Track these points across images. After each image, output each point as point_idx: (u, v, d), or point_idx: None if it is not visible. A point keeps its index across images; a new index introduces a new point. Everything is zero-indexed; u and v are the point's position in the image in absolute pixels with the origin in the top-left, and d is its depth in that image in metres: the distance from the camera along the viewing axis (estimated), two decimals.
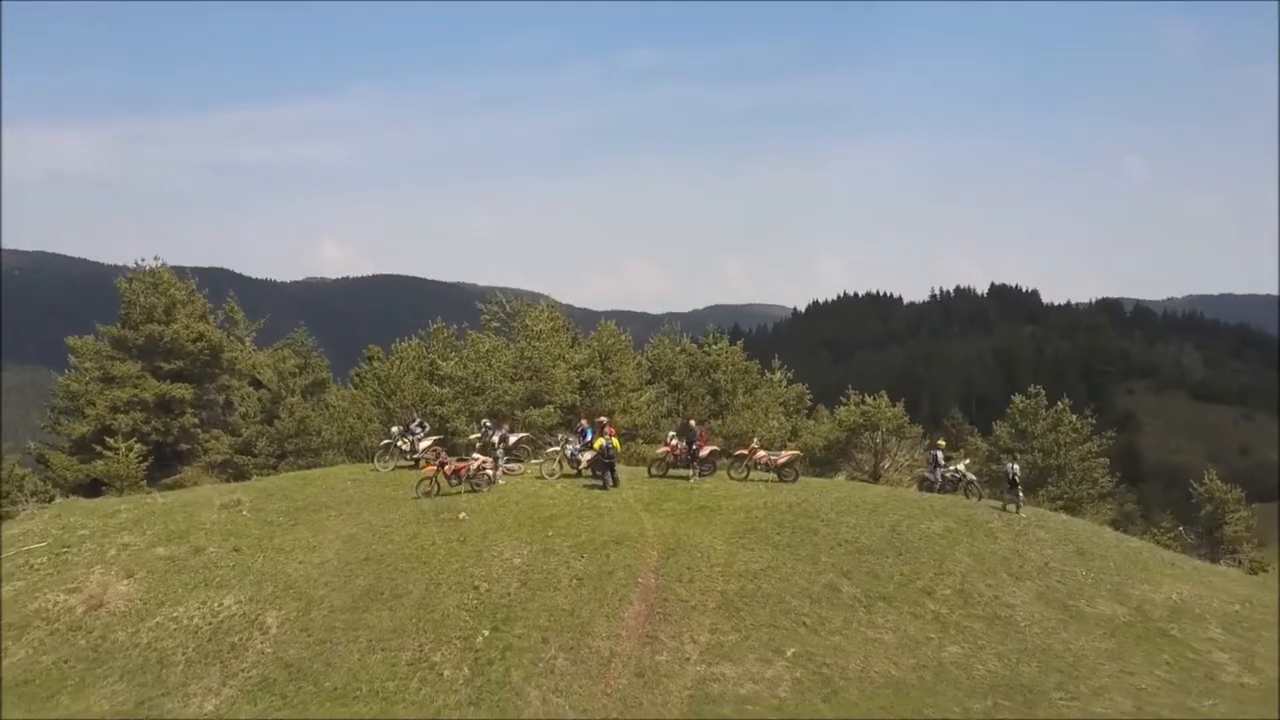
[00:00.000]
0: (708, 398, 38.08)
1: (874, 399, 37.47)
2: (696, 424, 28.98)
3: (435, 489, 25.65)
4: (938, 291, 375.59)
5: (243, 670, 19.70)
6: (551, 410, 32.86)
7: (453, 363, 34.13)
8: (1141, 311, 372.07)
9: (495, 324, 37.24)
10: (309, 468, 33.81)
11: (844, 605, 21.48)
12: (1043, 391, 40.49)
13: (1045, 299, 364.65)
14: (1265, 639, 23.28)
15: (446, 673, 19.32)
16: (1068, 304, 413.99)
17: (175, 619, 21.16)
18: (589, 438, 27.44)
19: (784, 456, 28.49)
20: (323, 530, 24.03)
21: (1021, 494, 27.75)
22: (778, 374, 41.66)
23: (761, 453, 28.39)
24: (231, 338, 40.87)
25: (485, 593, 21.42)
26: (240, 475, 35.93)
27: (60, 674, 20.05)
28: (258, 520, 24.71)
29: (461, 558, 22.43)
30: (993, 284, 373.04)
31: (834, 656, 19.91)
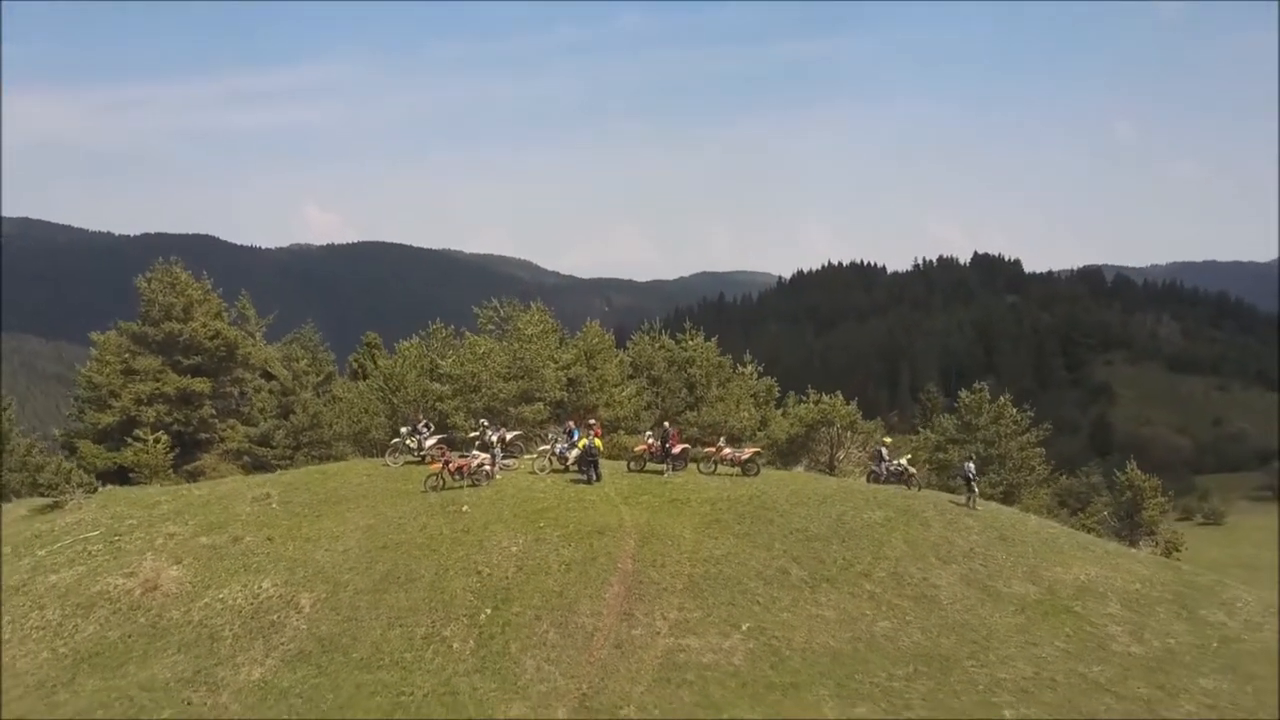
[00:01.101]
0: (684, 391, 41.63)
1: (830, 397, 40.99)
2: (669, 425, 32.59)
3: (441, 484, 29.18)
4: (921, 261, 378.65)
5: (282, 644, 23.24)
6: (541, 407, 36.40)
7: (450, 361, 37.51)
8: (1122, 281, 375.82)
9: (491, 327, 40.64)
10: (322, 458, 37.35)
11: (793, 586, 25.15)
12: (986, 387, 44.02)
13: (1028, 267, 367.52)
14: (1157, 614, 27.07)
15: (455, 645, 22.90)
16: (1049, 273, 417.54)
17: (221, 600, 24.69)
18: (575, 437, 30.98)
19: (747, 453, 32.15)
20: (344, 521, 27.55)
21: (978, 490, 31.50)
22: (749, 367, 45.13)
23: (727, 450, 32.03)
24: (244, 333, 44.14)
25: (487, 576, 24.99)
26: (258, 464, 39.44)
27: (126, 647, 23.55)
28: (286, 512, 28.23)
29: (466, 546, 25.99)
30: (975, 253, 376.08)
31: (782, 631, 23.58)
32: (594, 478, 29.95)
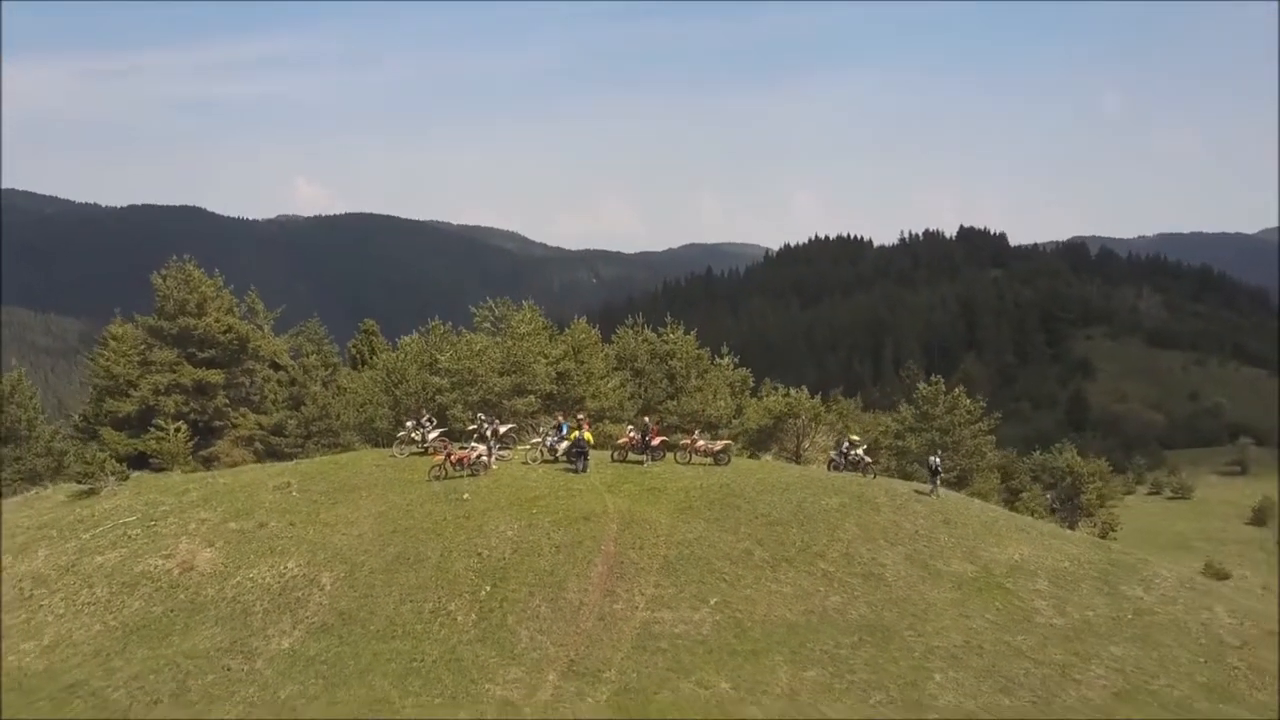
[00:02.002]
0: (665, 381, 44.84)
1: (796, 391, 44.24)
2: (649, 420, 35.83)
3: (443, 474, 32.37)
4: (907, 235, 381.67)
5: (307, 617, 26.47)
6: (533, 399, 39.59)
7: (449, 356, 40.61)
8: (1105, 255, 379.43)
9: (487, 325, 43.72)
10: (331, 445, 40.47)
11: (755, 566, 28.49)
12: (942, 380, 47.27)
13: (1018, 239, 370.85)
14: (1081, 589, 30.52)
15: (459, 618, 26.16)
16: (1034, 246, 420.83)
17: (251, 579, 27.89)
18: (564, 431, 34.20)
19: (719, 445, 35.45)
20: (358, 508, 30.76)
21: (941, 481, 34.86)
22: (725, 359, 48.33)
23: (701, 443, 35.32)
24: (254, 326, 47.12)
25: (486, 558, 28.24)
26: (271, 451, 42.56)
27: (169, 621, 26.75)
28: (305, 499, 31.41)
29: (467, 531, 29.22)
30: (961, 227, 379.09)
31: (745, 605, 26.94)
32: (582, 468, 33.18)
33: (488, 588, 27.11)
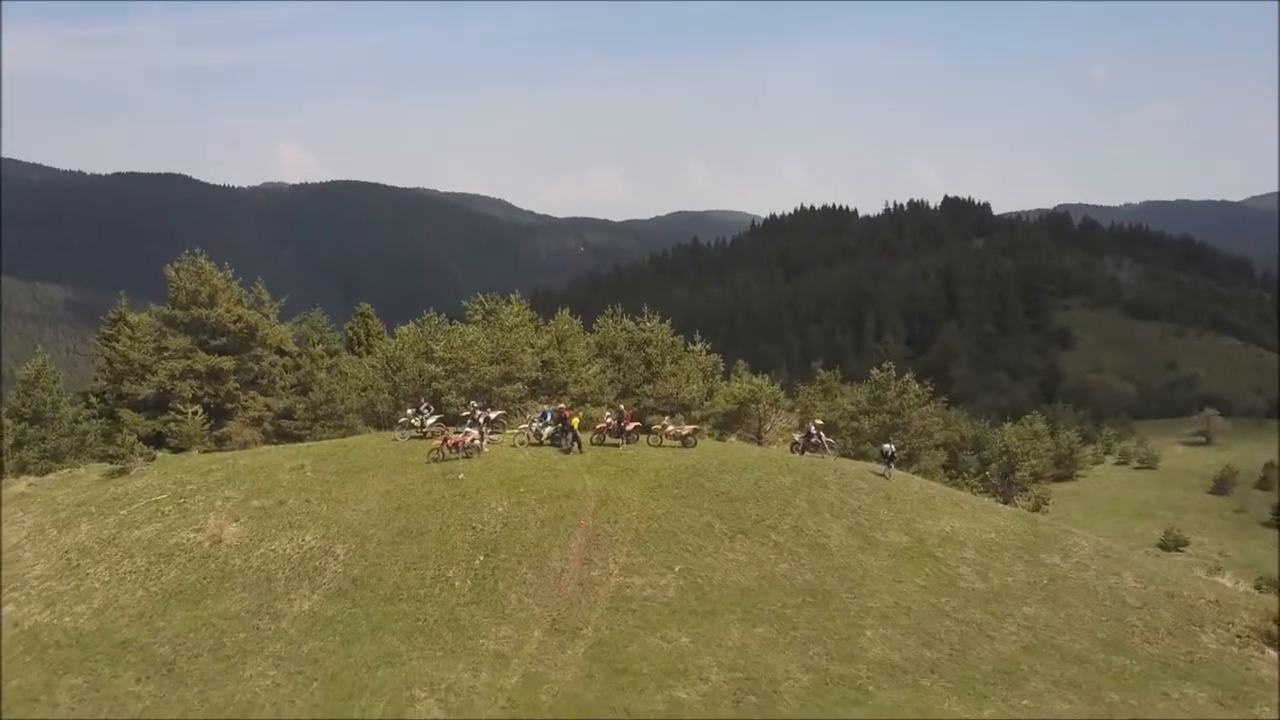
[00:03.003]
0: (642, 367, 48.71)
1: (758, 378, 48.18)
2: (624, 407, 39.76)
3: (441, 456, 36.26)
4: (892, 205, 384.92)
5: (324, 583, 30.41)
6: (520, 386, 43.44)
7: (443, 345, 44.34)
8: (1088, 225, 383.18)
9: (478, 317, 47.49)
10: (336, 428, 44.29)
11: (715, 537, 32.52)
12: (893, 366, 51.21)
13: (1003, 207, 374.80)
14: (1004, 558, 34.52)
15: (456, 583, 30.12)
16: (1018, 216, 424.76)
17: (273, 550, 31.79)
18: (548, 418, 38.12)
19: (687, 430, 39.42)
20: (365, 487, 34.65)
21: (894, 465, 38.86)
22: (698, 346, 52.20)
23: (671, 428, 39.28)
24: (261, 315, 50.75)
25: (479, 531, 32.19)
26: (281, 432, 46.33)
27: (203, 587, 30.64)
28: (318, 479, 35.28)
29: (463, 507, 33.16)
30: (946, 197, 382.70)
31: (705, 572, 30.98)
32: (577, 449, 37.15)
33: (481, 557, 31.05)
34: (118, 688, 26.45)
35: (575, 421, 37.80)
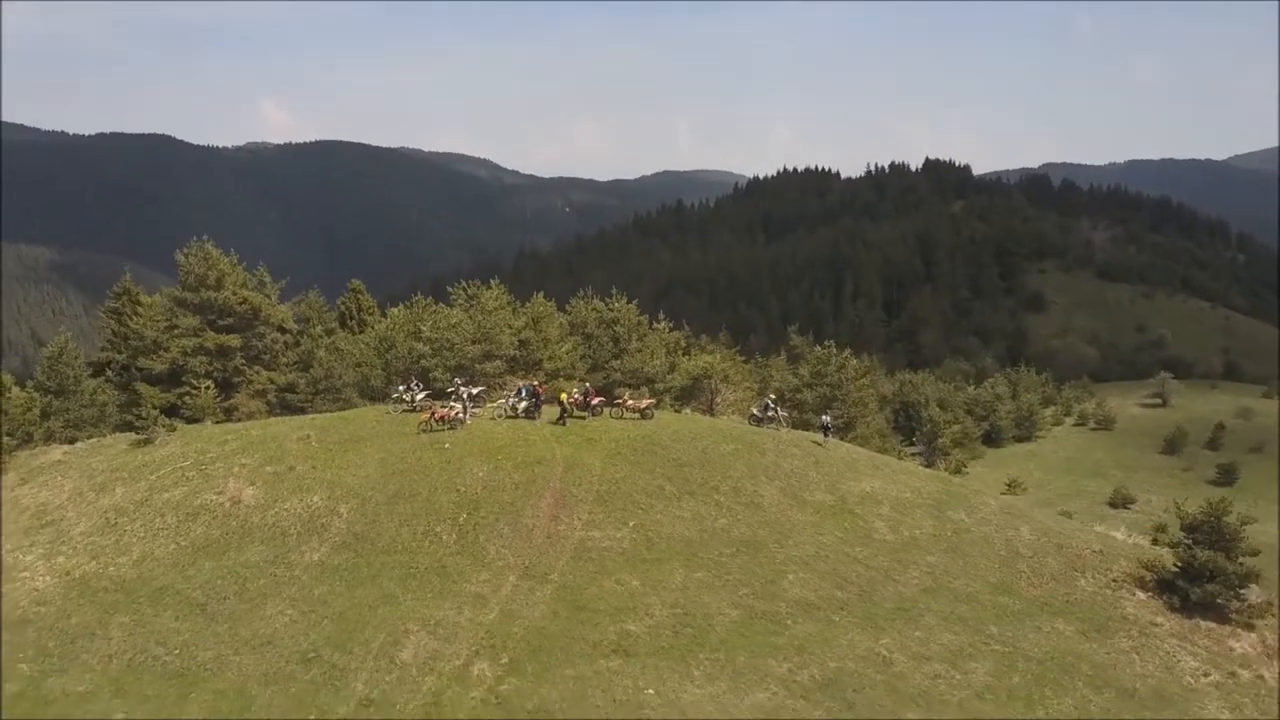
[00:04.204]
0: (610, 344, 53.86)
1: (711, 354, 53.40)
2: (589, 385, 44.99)
3: (429, 428, 41.48)
4: (873, 167, 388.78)
5: (330, 538, 35.68)
6: (500, 363, 48.61)
7: (430, 326, 49.41)
8: (1067, 186, 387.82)
9: (461, 301, 52.56)
10: (334, 400, 49.43)
11: (665, 498, 37.93)
12: (833, 344, 56.49)
13: (988, 166, 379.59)
14: (915, 514, 39.91)
15: (444, 537, 35.44)
16: (999, 178, 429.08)
17: (286, 509, 37.03)
18: (523, 394, 43.38)
19: (644, 404, 44.71)
20: (364, 455, 39.90)
21: (830, 434, 44.17)
22: (662, 324, 57.35)
23: (630, 402, 44.56)
24: (264, 296, 55.67)
25: (463, 493, 37.49)
26: (284, 404, 51.45)
27: (226, 541, 35.87)
28: (323, 448, 40.50)
29: (449, 473, 38.44)
30: (927, 159, 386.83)
31: (655, 526, 36.39)
32: (563, 421, 42.44)
33: (464, 515, 36.36)
34: (160, 624, 31.69)
35: (563, 397, 42.90)
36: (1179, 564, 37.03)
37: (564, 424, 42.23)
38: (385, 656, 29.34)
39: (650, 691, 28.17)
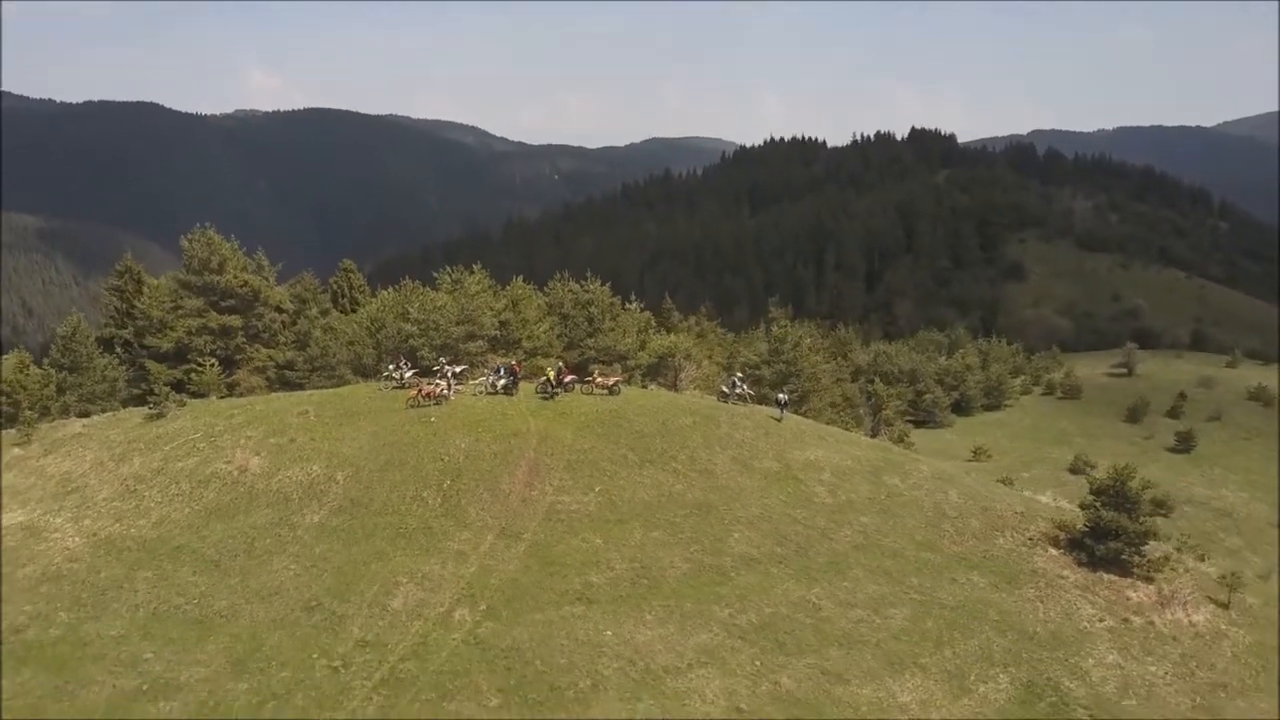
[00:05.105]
0: (585, 324, 58.11)
1: (675, 335, 57.71)
2: (562, 364, 49.33)
3: (416, 404, 45.78)
4: (859, 137, 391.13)
5: (329, 502, 40.03)
6: (482, 343, 52.88)
7: (417, 307, 53.58)
8: (1052, 155, 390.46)
9: (446, 284, 56.73)
10: (329, 377, 53.70)
11: (628, 465, 42.38)
12: (789, 323, 60.79)
13: (976, 134, 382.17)
14: (853, 480, 44.33)
15: (430, 501, 39.81)
16: (984, 146, 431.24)
17: (289, 477, 41.38)
18: (501, 373, 47.69)
19: (612, 380, 49.06)
20: (358, 428, 44.24)
21: (786, 409, 48.52)
22: (634, 305, 61.57)
23: (599, 379, 48.91)
24: (263, 279, 59.66)
25: (448, 462, 41.87)
26: (283, 381, 55.68)
27: (235, 505, 40.21)
28: (320, 422, 44.82)
29: (434, 444, 42.82)
30: (912, 128, 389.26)
31: (619, 491, 40.84)
32: (550, 396, 46.76)
33: (448, 482, 40.76)
34: (179, 578, 36.05)
35: (551, 374, 47.20)
36: (1088, 524, 41.55)
37: (550, 397, 46.46)
38: (378, 605, 33.68)
39: (609, 633, 32.65)
